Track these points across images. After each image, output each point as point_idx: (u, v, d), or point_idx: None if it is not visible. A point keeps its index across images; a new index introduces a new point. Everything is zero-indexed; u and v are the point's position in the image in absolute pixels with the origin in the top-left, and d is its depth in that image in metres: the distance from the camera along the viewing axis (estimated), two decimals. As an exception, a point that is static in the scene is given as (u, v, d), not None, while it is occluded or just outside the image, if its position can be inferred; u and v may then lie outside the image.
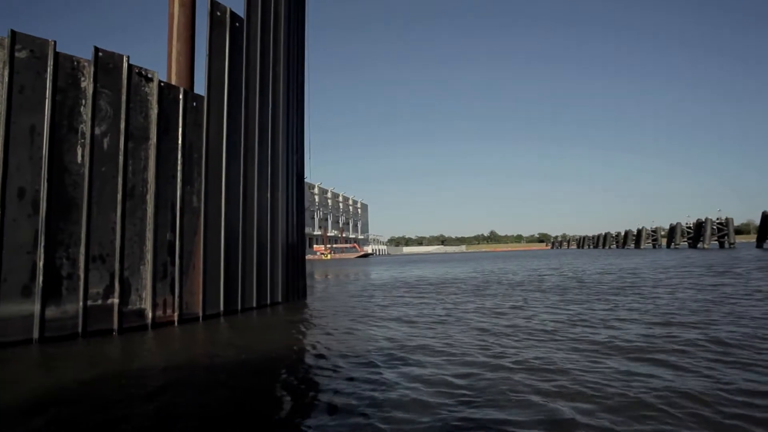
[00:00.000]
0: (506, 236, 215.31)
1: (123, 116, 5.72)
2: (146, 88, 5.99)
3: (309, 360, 4.23)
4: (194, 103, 6.59)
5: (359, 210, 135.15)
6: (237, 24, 7.41)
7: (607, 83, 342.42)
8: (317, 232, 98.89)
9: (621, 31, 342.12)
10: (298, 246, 9.49)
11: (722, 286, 9.41)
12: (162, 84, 6.19)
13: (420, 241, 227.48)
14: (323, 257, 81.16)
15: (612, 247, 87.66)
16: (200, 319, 6.40)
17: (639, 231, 72.42)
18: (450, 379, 3.33)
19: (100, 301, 5.39)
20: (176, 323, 6.06)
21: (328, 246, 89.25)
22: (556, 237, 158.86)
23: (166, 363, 4.29)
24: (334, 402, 2.91)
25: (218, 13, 7.04)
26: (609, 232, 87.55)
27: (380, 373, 3.53)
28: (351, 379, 3.44)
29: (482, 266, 24.27)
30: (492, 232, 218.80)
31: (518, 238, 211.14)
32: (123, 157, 5.69)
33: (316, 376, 3.60)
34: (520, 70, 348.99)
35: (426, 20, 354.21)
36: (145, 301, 5.79)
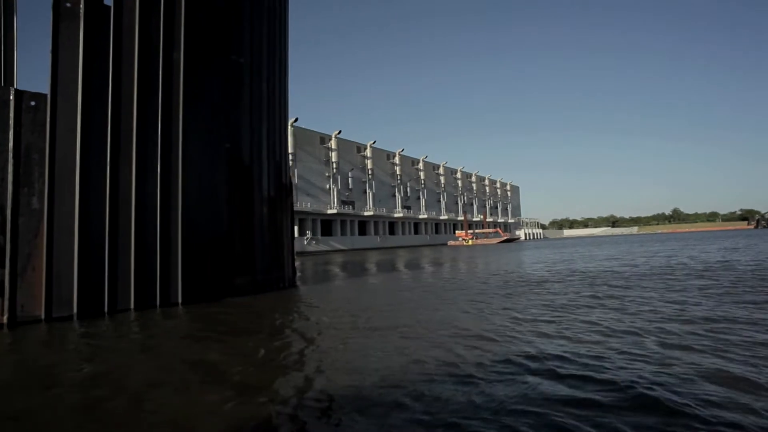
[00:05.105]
0: (695, 214, 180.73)
1: (-66, 124, 5.83)
2: (-38, 93, 6.02)
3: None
4: (33, 103, 6.46)
5: (509, 193, 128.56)
6: (99, 13, 7.07)
7: None
8: (460, 218, 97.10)
9: None
10: (236, 238, 8.90)
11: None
12: (-15, 87, 6.17)
13: (586, 223, 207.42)
14: (464, 243, 79.34)
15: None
16: (43, 321, 6.29)
17: None
18: None
19: None
20: (6, 326, 6.04)
21: (470, 232, 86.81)
22: (764, 214, 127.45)
23: None
24: None
25: (67, 4, 6.78)
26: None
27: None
28: None
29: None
30: (675, 210, 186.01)
31: (712, 216, 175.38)
32: (-65, 164, 5.81)
33: None
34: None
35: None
36: (-38, 304, 5.87)
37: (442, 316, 5.89)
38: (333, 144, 68.72)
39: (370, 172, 76.58)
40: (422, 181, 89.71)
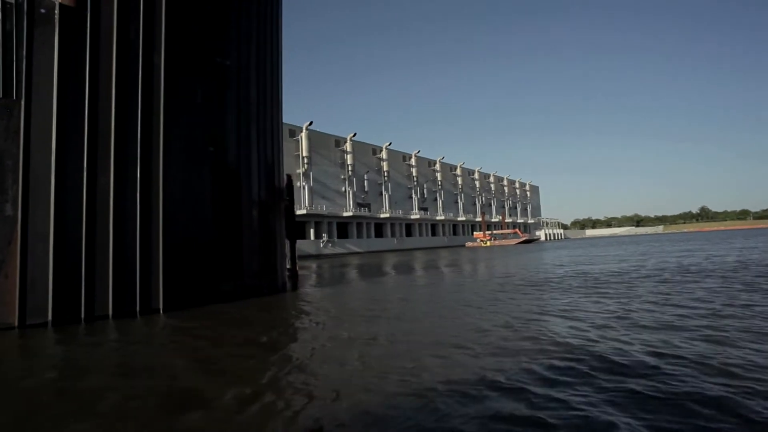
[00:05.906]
0: (724, 212, 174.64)
1: None
2: (-67, 101, 6.03)
3: None
4: (5, 110, 6.43)
5: (528, 193, 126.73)
6: (75, 17, 7.03)
7: None
8: (478, 219, 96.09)
9: None
10: (221, 243, 8.77)
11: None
12: (-44, 95, 6.17)
13: (609, 223, 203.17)
14: (482, 244, 78.37)
15: None
16: (16, 328, 6.25)
17: None
18: None
19: None
20: (-22, 334, 6.01)
21: (488, 233, 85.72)
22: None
23: None
24: None
25: (42, 11, 6.76)
26: None
27: None
28: None
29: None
30: (703, 209, 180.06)
31: (743, 214, 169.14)
32: None
33: None
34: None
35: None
36: (-69, 312, 5.86)
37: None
38: (348, 146, 68.78)
39: (386, 174, 76.35)
40: (439, 182, 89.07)
